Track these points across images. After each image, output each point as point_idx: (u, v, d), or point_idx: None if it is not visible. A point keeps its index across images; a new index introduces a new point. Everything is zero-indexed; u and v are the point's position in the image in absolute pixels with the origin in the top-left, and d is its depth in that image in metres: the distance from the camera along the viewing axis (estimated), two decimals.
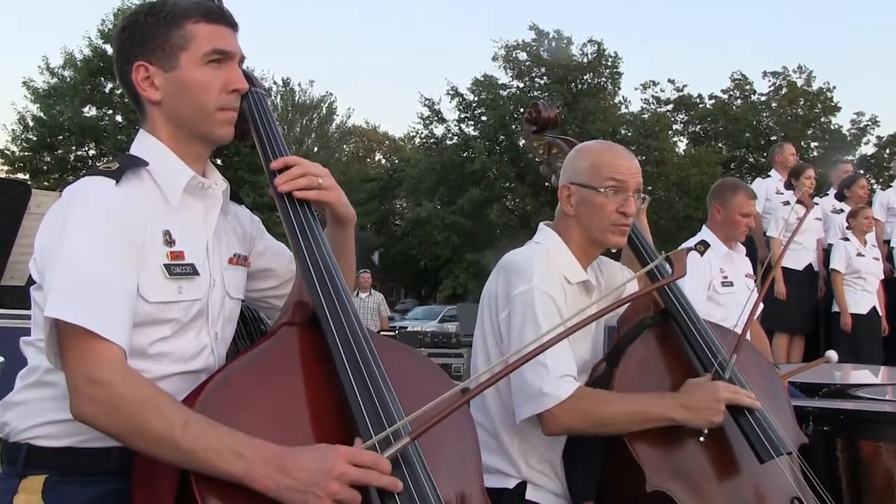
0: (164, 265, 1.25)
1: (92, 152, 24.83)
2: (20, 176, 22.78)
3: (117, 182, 1.23)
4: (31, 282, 1.26)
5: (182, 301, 1.27)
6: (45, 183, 22.39)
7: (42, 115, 24.15)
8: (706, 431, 1.67)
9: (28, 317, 1.29)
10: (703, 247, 3.19)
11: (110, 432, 1.11)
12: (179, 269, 1.26)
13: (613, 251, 2.00)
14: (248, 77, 1.43)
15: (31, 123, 24.37)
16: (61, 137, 24.58)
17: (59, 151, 24.97)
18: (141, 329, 1.23)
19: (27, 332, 1.30)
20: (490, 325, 1.81)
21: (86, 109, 24.31)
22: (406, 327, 13.39)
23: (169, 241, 1.26)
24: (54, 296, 1.13)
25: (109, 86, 23.92)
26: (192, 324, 1.30)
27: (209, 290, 1.32)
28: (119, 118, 24.13)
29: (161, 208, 1.29)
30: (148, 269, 1.23)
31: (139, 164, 1.29)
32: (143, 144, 1.34)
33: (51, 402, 1.21)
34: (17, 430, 1.24)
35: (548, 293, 1.72)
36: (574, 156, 1.88)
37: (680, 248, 1.73)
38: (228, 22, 1.34)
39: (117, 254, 1.18)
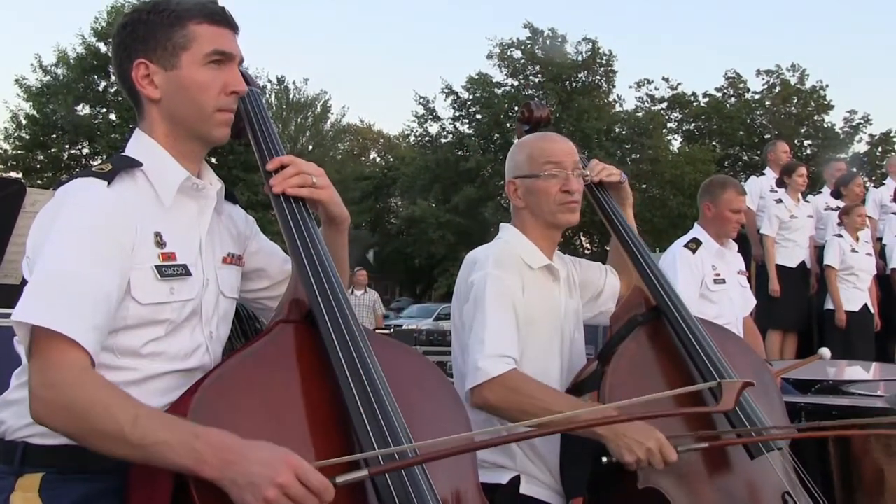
0: (156, 266, 1.25)
1: (85, 151, 24.72)
2: (13, 174, 22.66)
3: (109, 183, 1.23)
4: (24, 281, 1.26)
5: (174, 301, 1.27)
6: (39, 181, 22.27)
7: (35, 113, 24.00)
8: (613, 459, 1.60)
9: None
10: (695, 245, 3.19)
11: (66, 433, 1.12)
12: (171, 270, 1.27)
13: (607, 248, 2.01)
14: (244, 76, 1.43)
15: (23, 122, 24.23)
16: (54, 136, 24.44)
17: (53, 150, 24.83)
18: (134, 330, 1.23)
19: None
20: (459, 318, 1.86)
21: (79, 108, 24.17)
22: (401, 325, 13.37)
23: (160, 243, 1.26)
24: (25, 297, 1.14)
25: (103, 84, 23.80)
26: (186, 323, 1.30)
27: (202, 290, 1.33)
28: (113, 116, 23.99)
29: (153, 209, 1.29)
30: (139, 270, 1.23)
31: (133, 164, 1.29)
32: (139, 143, 1.34)
33: None
34: (12, 428, 1.25)
35: (500, 276, 1.77)
36: (512, 152, 1.98)
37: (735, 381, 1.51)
38: (230, 24, 1.35)
39: (101, 256, 1.18)
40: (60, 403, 1.10)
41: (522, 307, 1.78)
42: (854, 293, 5.30)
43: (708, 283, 3.12)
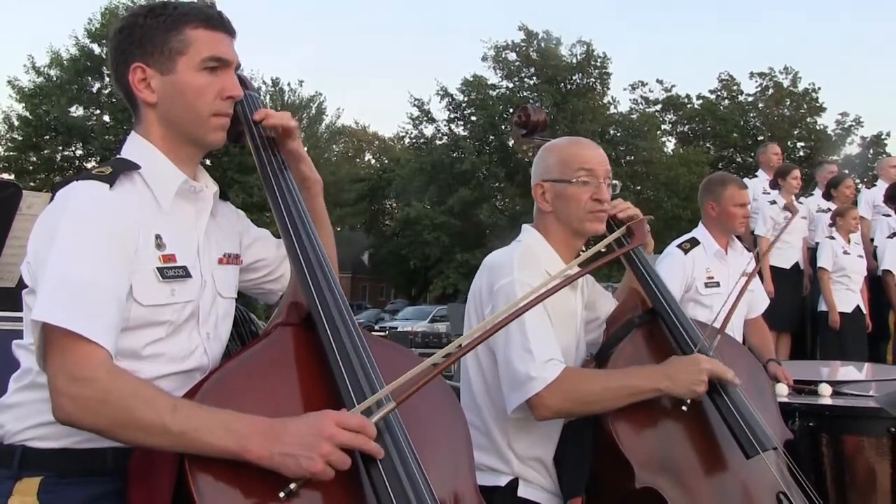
0: (157, 268, 1.26)
1: (79, 152, 24.60)
2: (5, 176, 22.54)
3: (111, 187, 1.24)
4: (22, 284, 1.26)
5: (175, 303, 1.28)
6: (31, 183, 22.15)
7: (28, 114, 23.87)
8: (688, 402, 1.71)
9: (19, 319, 1.30)
10: (689, 245, 3.11)
11: (97, 428, 1.12)
12: (172, 271, 1.28)
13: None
14: (241, 79, 1.44)
15: (16, 123, 24.09)
16: (48, 137, 24.30)
17: (46, 151, 24.69)
18: (135, 331, 1.24)
19: (18, 333, 1.30)
20: (476, 321, 1.85)
21: (72, 109, 24.06)
22: (396, 327, 13.36)
23: (160, 245, 1.27)
24: (43, 299, 1.15)
25: (97, 85, 23.70)
26: (185, 325, 1.31)
27: (200, 291, 1.33)
28: (106, 118, 23.90)
29: (152, 212, 1.30)
30: (141, 272, 1.24)
31: (132, 167, 1.30)
32: (135, 147, 1.35)
33: (45, 404, 1.21)
34: (11, 432, 1.25)
35: (529, 284, 1.74)
36: (542, 154, 1.95)
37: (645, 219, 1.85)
38: (227, 29, 1.36)
39: (109, 258, 1.19)
40: (94, 396, 1.10)
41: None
42: (847, 295, 5.33)
43: (698, 287, 3.03)
